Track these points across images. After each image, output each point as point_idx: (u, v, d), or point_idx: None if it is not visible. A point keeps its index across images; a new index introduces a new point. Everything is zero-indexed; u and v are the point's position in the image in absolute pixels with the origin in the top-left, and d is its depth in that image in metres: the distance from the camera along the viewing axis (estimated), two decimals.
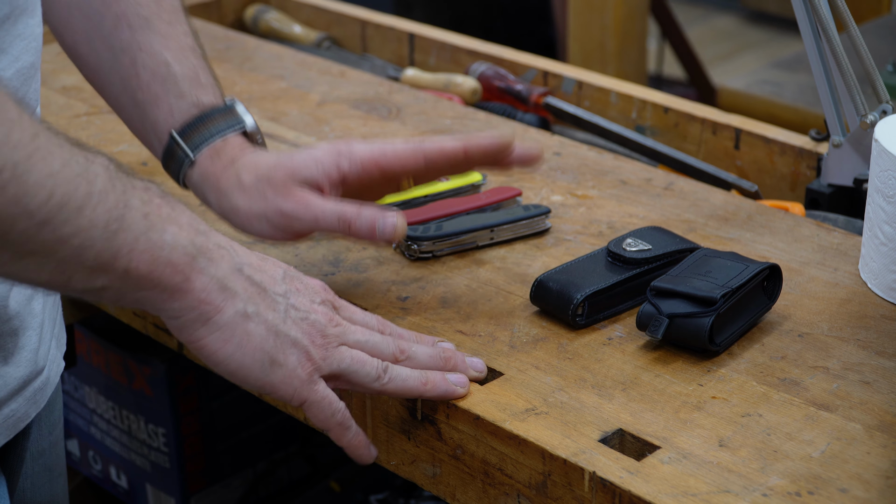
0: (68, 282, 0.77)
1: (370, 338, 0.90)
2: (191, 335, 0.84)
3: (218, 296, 0.83)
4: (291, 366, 0.85)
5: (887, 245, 1.01)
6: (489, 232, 1.11)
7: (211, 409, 1.49)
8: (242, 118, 1.02)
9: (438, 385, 0.90)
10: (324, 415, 0.87)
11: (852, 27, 1.16)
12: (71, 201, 0.74)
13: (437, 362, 0.92)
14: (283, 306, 0.86)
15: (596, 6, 2.63)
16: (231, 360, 0.84)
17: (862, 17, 2.61)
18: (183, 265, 0.81)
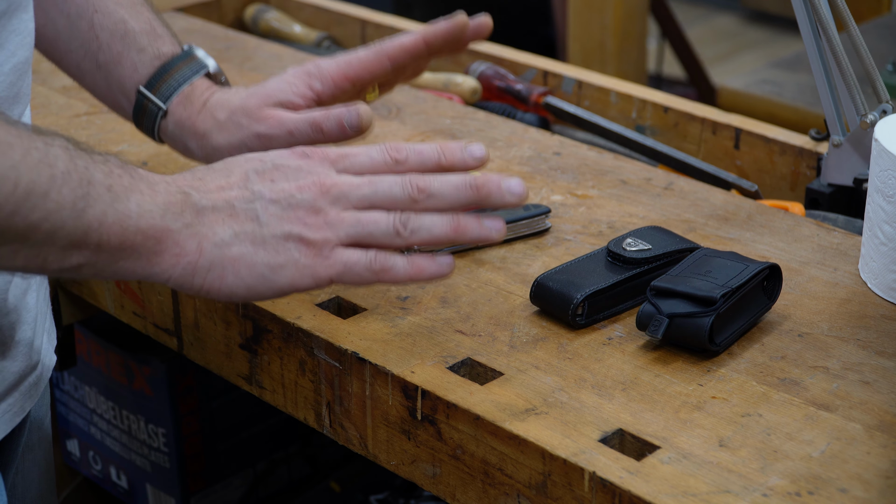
0: (44, 264, 0.78)
1: (377, 188, 0.85)
2: (191, 287, 0.84)
3: (191, 243, 0.83)
4: (293, 259, 0.84)
5: (887, 245, 1.01)
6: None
7: (211, 409, 1.49)
8: (204, 62, 1.05)
9: (471, 230, 0.84)
10: (358, 276, 0.84)
11: (852, 27, 1.16)
12: (36, 188, 0.75)
13: (468, 194, 0.85)
14: (259, 210, 0.84)
15: (596, 6, 2.63)
16: (236, 288, 0.84)
17: (862, 17, 2.61)
18: (151, 229, 0.81)
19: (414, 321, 1.00)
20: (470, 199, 0.85)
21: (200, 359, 1.10)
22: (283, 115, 0.99)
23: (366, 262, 0.84)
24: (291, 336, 1.00)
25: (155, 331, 1.14)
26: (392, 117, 1.36)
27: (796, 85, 2.19)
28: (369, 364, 0.94)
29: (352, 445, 0.99)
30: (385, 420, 0.95)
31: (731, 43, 4.12)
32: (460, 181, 0.85)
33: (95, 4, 1.05)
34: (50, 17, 1.05)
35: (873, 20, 2.54)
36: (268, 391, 1.04)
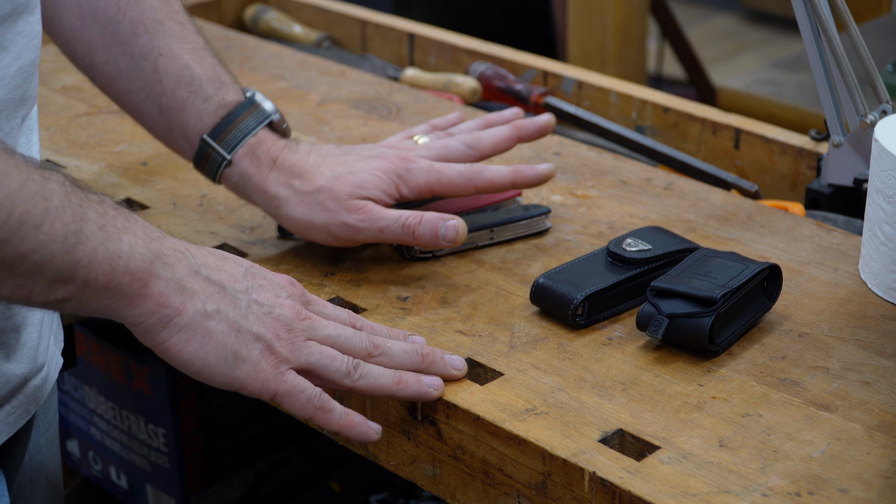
0: (29, 295, 0.79)
1: (341, 332, 0.90)
2: (154, 339, 0.85)
3: (176, 297, 0.84)
4: (255, 360, 0.86)
5: (887, 245, 1.01)
6: (489, 232, 1.11)
7: (211, 409, 1.49)
8: (268, 112, 1.07)
9: (411, 386, 0.90)
10: (299, 403, 0.87)
11: (852, 27, 1.16)
12: (29, 219, 0.76)
13: (414, 359, 0.92)
14: (244, 302, 0.87)
15: (596, 6, 2.63)
16: (195, 358, 0.85)
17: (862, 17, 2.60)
18: (140, 272, 0.82)
19: (414, 321, 1.00)
20: (416, 365, 0.91)
21: None
22: (375, 211, 1.03)
23: (311, 393, 0.87)
24: None
25: None
26: (392, 117, 1.36)
27: (796, 85, 2.19)
28: None
29: (352, 445, 0.99)
30: (385, 420, 0.95)
31: (731, 43, 4.11)
32: (410, 349, 0.92)
33: (160, 48, 1.05)
34: (112, 56, 1.06)
35: (873, 20, 2.53)
36: None
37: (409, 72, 1.52)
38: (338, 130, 1.33)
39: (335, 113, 1.37)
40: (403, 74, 1.52)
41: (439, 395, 0.91)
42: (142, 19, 1.05)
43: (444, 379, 0.92)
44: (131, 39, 1.05)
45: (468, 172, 1.05)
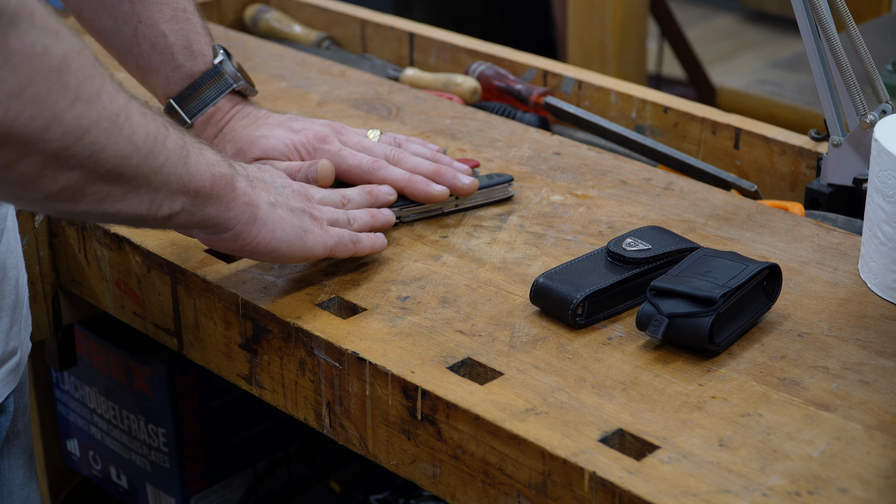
0: (158, 209, 0.87)
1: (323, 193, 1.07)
2: (247, 238, 0.96)
3: (253, 193, 0.96)
4: (311, 228, 1.00)
5: (887, 245, 1.01)
6: (454, 199, 1.16)
7: (211, 409, 1.49)
8: (229, 80, 1.17)
9: (379, 217, 1.09)
10: (344, 245, 1.03)
11: (852, 27, 1.16)
12: (158, 134, 0.85)
13: (366, 198, 1.10)
14: (280, 188, 1.01)
15: (596, 6, 2.63)
16: (281, 243, 0.98)
17: (862, 17, 2.61)
18: (227, 175, 0.93)
19: (414, 321, 1.00)
20: (367, 203, 1.10)
21: (200, 359, 1.10)
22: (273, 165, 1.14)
23: (348, 235, 1.03)
24: (291, 336, 1.00)
25: (155, 331, 1.14)
26: (392, 117, 1.36)
27: (796, 85, 2.19)
28: (369, 364, 0.94)
29: (352, 445, 0.99)
30: (385, 420, 0.95)
31: (731, 43, 4.12)
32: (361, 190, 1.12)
33: (140, 14, 1.14)
34: (98, 16, 1.15)
35: (873, 20, 2.54)
36: (268, 391, 1.04)
37: (409, 72, 1.52)
38: None
39: (335, 113, 1.37)
40: (403, 74, 1.52)
41: (391, 217, 1.10)
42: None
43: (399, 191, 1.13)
44: (115, 5, 1.14)
45: (367, 166, 1.14)
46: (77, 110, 0.76)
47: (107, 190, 0.81)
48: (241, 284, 1.05)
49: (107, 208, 0.83)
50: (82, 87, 0.76)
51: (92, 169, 0.79)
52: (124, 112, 0.80)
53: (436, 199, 1.13)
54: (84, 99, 0.76)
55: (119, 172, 0.81)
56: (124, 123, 0.80)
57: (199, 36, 1.17)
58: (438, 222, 1.15)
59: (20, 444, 1.05)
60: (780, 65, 2.32)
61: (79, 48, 0.76)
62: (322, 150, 1.14)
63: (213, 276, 1.06)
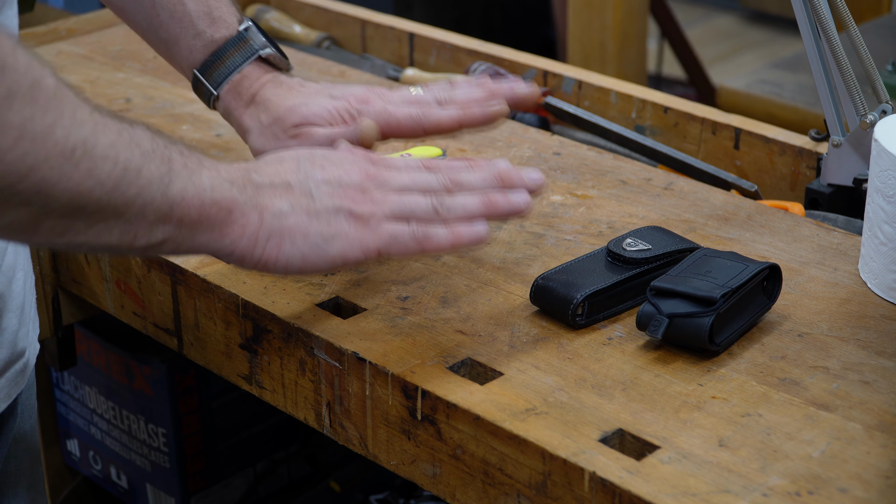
0: (133, 240, 0.82)
1: (416, 177, 0.93)
2: (251, 259, 0.89)
3: (254, 214, 0.88)
4: (344, 231, 0.90)
5: (887, 245, 1.01)
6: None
7: (211, 409, 1.49)
8: (255, 47, 1.10)
9: (500, 204, 0.92)
10: (404, 245, 0.90)
11: (852, 27, 1.16)
12: (131, 165, 0.79)
13: (493, 183, 0.93)
14: (312, 187, 0.91)
15: (596, 6, 2.63)
16: (292, 257, 0.89)
17: (862, 17, 2.61)
18: (224, 200, 0.87)
19: (414, 321, 1.00)
20: (495, 187, 0.93)
21: (200, 359, 1.10)
22: (312, 133, 1.07)
23: (410, 232, 0.90)
24: (291, 336, 1.00)
25: (155, 331, 1.14)
26: None
27: (796, 85, 2.19)
28: (369, 364, 0.94)
29: (352, 445, 0.99)
30: (385, 420, 0.95)
31: (731, 43, 4.12)
32: (487, 174, 0.94)
33: None
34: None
35: (873, 20, 2.54)
36: (268, 391, 1.04)
37: (409, 72, 1.52)
38: None
39: None
40: (403, 74, 1.52)
41: (528, 209, 0.93)
42: None
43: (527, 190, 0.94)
44: None
45: (416, 115, 1.05)
46: (21, 149, 0.72)
47: (66, 224, 0.78)
48: (240, 284, 1.05)
49: (70, 240, 0.79)
50: (29, 123, 0.72)
51: (42, 205, 0.75)
52: (83, 146, 0.76)
53: (495, 119, 1.04)
54: (29, 137, 0.72)
55: (78, 207, 0.77)
56: (82, 158, 0.76)
57: (220, 3, 1.11)
58: None
59: (27, 446, 1.05)
60: (780, 65, 2.32)
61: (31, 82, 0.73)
62: (366, 112, 1.07)
63: (213, 276, 1.06)
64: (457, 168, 0.95)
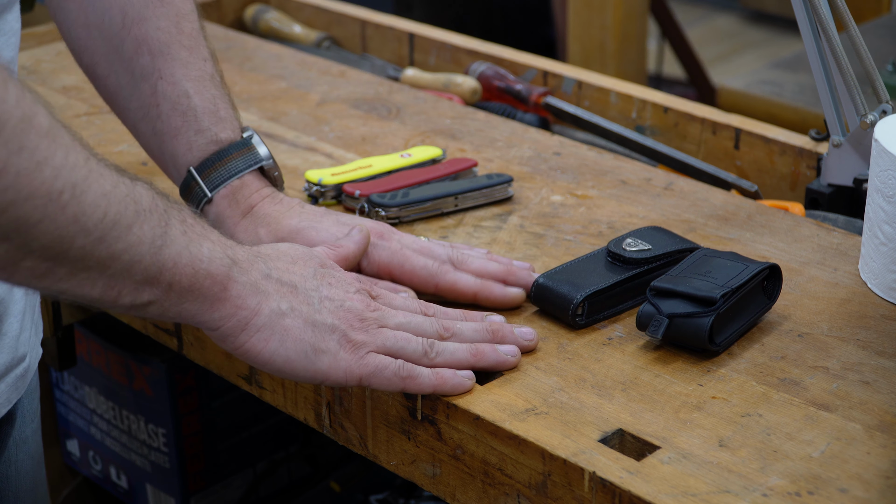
0: (117, 297, 0.80)
1: (412, 319, 0.93)
2: (234, 342, 0.88)
3: (252, 300, 0.87)
4: (333, 350, 0.89)
5: (887, 245, 1.01)
6: (454, 199, 1.15)
7: (211, 409, 1.49)
8: (259, 155, 1.05)
9: (488, 355, 0.92)
10: (386, 379, 0.90)
11: (852, 27, 1.16)
12: (122, 219, 0.78)
13: (485, 336, 0.94)
14: (316, 299, 0.90)
15: (596, 6, 2.63)
16: (276, 356, 0.88)
17: (862, 17, 2.60)
18: (220, 275, 0.85)
19: None
20: (486, 340, 0.94)
21: (200, 359, 1.10)
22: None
23: (395, 367, 0.90)
24: None
25: (155, 331, 1.14)
26: (392, 117, 1.36)
27: (796, 85, 2.19)
28: None
29: (352, 445, 0.99)
30: (385, 420, 0.95)
31: (731, 43, 4.11)
32: (479, 326, 0.95)
33: (162, 70, 1.04)
34: (114, 70, 1.05)
35: (873, 20, 2.53)
36: (268, 391, 1.04)
37: (409, 72, 1.52)
38: (338, 130, 1.33)
39: (335, 113, 1.37)
40: (403, 74, 1.52)
41: (517, 363, 0.93)
42: (146, 39, 1.04)
43: (519, 348, 0.94)
44: (133, 58, 1.04)
45: (433, 268, 1.01)
46: (3, 183, 0.70)
47: (47, 267, 0.76)
48: None
49: (50, 285, 0.77)
50: (14, 157, 0.70)
51: (21, 244, 0.73)
52: (72, 190, 0.74)
53: (513, 303, 1.00)
54: (13, 172, 0.70)
55: (59, 251, 0.75)
56: (69, 202, 0.74)
57: (226, 104, 1.06)
58: (438, 222, 1.15)
59: (27, 450, 1.05)
60: (780, 65, 2.32)
61: (22, 116, 0.71)
62: (381, 247, 1.02)
63: None
64: (451, 316, 0.96)
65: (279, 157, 1.23)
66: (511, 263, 1.03)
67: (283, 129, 1.33)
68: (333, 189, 1.17)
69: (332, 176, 1.18)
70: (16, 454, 1.02)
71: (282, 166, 1.20)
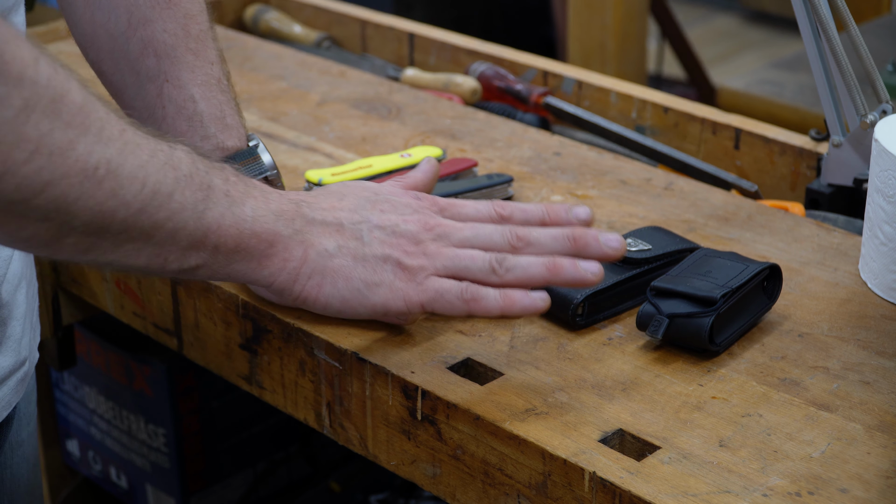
0: (165, 263, 0.81)
1: (479, 231, 0.89)
2: (290, 294, 0.89)
3: (298, 249, 0.87)
4: (388, 281, 0.88)
5: (887, 245, 1.01)
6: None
7: (211, 409, 1.49)
8: (264, 165, 1.04)
9: (566, 270, 0.86)
10: (449, 304, 0.87)
11: (852, 27, 1.16)
12: (162, 188, 0.78)
13: (564, 245, 0.88)
14: (365, 230, 0.89)
15: (596, 6, 2.63)
16: (332, 299, 0.89)
17: (862, 17, 2.61)
18: (265, 233, 0.85)
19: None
20: (567, 249, 0.88)
21: (200, 359, 1.10)
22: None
23: (457, 290, 0.86)
24: (291, 336, 1.00)
25: (155, 331, 1.14)
26: (392, 117, 1.36)
27: (796, 85, 2.20)
28: (369, 364, 0.94)
29: (352, 445, 0.99)
30: (385, 420, 0.95)
31: (731, 43, 4.11)
32: (559, 233, 0.88)
33: (168, 73, 1.03)
34: (119, 68, 1.04)
35: (873, 20, 2.54)
36: (268, 391, 1.04)
37: (409, 72, 1.52)
38: (338, 130, 1.33)
39: (335, 113, 1.37)
40: (403, 74, 1.52)
41: (597, 281, 0.87)
42: (152, 41, 1.03)
43: (602, 260, 0.88)
44: (139, 59, 1.03)
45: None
46: (36, 163, 0.70)
47: (90, 241, 0.76)
48: (241, 284, 1.04)
49: (96, 258, 0.78)
50: (46, 138, 0.71)
51: (63, 222, 0.74)
52: (107, 165, 0.74)
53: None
54: (46, 152, 0.70)
55: (101, 226, 0.75)
56: (105, 177, 0.74)
57: (232, 110, 1.05)
58: None
59: (23, 453, 1.05)
60: (780, 65, 2.33)
61: (53, 95, 0.71)
62: None
63: None
64: (531, 216, 0.90)
65: (279, 157, 1.23)
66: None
67: (283, 129, 1.33)
68: None
69: (332, 176, 1.18)
70: (11, 457, 1.02)
71: (282, 166, 1.20)
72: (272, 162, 1.06)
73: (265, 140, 1.24)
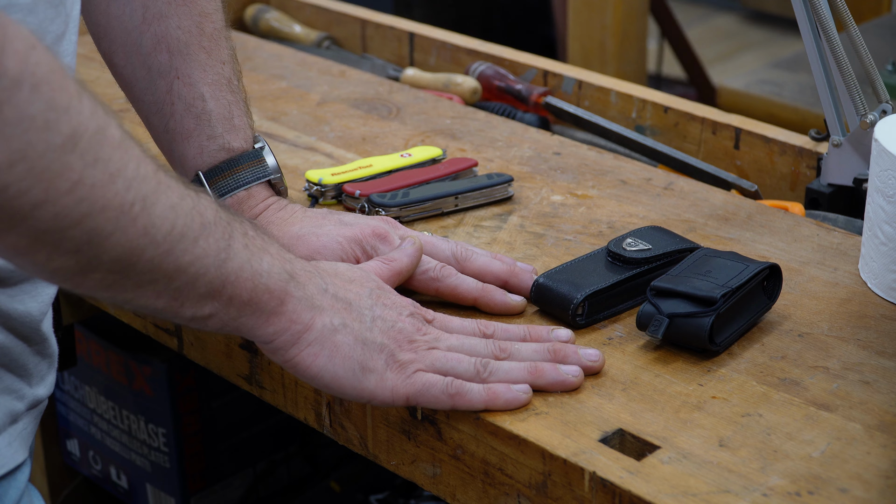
0: (180, 309, 0.81)
1: (465, 341, 0.92)
2: (285, 355, 0.87)
3: (307, 314, 0.87)
4: (380, 369, 0.88)
5: (887, 245, 1.01)
6: (454, 199, 1.15)
7: (211, 409, 1.49)
8: (267, 168, 1.05)
9: (548, 373, 0.90)
10: (434, 397, 0.88)
11: (852, 27, 1.16)
12: (189, 231, 0.78)
13: (545, 356, 0.92)
14: (368, 317, 0.90)
15: (596, 6, 2.63)
16: (324, 371, 0.88)
17: (862, 17, 2.61)
18: (278, 290, 0.85)
19: None
20: (546, 360, 0.91)
21: (200, 359, 1.10)
22: None
23: (442, 385, 0.88)
24: None
25: (155, 331, 1.14)
26: (392, 117, 1.36)
27: (796, 85, 2.19)
28: None
29: (352, 445, 0.99)
30: (385, 420, 0.95)
31: (731, 43, 4.11)
32: (540, 347, 0.92)
33: (179, 70, 1.03)
34: (130, 62, 1.05)
35: (873, 20, 2.54)
36: (268, 391, 1.04)
37: (409, 72, 1.52)
38: (338, 130, 1.33)
39: (335, 113, 1.37)
40: (403, 74, 1.52)
41: (579, 383, 0.90)
42: (165, 37, 1.03)
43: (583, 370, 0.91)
44: (151, 54, 1.03)
45: (435, 272, 1.00)
46: (78, 194, 0.70)
47: (114, 279, 0.76)
48: None
49: (115, 295, 0.78)
50: (89, 169, 0.70)
51: (92, 256, 0.73)
52: (143, 202, 0.74)
53: (513, 311, 0.99)
54: (89, 184, 0.70)
55: (128, 264, 0.75)
56: (139, 214, 0.74)
57: (241, 111, 1.05)
58: (438, 222, 1.15)
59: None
60: (780, 65, 2.33)
61: (97, 128, 0.71)
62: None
63: None
64: (512, 335, 0.94)
65: (279, 157, 1.23)
66: (515, 264, 1.02)
67: (284, 128, 1.33)
68: (333, 189, 1.18)
69: (333, 176, 1.18)
70: None
71: (282, 166, 1.20)
72: (276, 165, 1.06)
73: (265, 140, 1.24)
